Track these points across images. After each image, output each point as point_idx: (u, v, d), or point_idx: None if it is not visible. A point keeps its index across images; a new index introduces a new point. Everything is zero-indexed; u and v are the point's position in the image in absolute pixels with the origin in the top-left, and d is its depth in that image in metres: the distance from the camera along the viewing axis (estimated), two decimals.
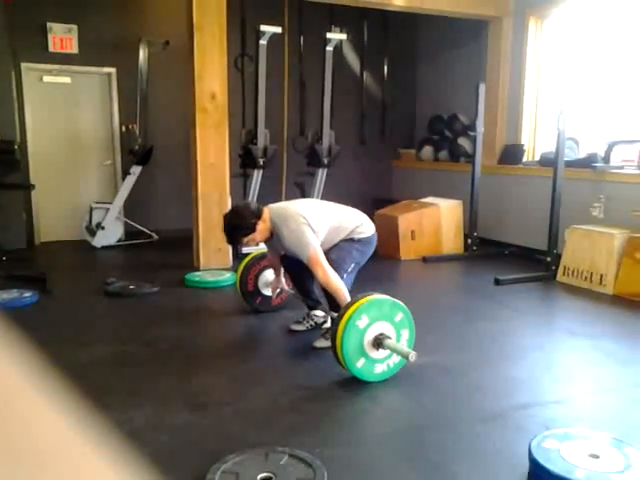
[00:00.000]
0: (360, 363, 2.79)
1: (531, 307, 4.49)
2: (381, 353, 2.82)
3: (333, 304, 3.18)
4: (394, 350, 2.80)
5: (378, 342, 2.79)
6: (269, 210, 3.33)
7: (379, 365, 2.84)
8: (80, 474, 0.30)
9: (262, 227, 3.26)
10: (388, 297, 2.89)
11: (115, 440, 0.32)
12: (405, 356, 2.73)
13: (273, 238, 3.35)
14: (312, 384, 2.89)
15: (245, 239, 3.30)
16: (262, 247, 3.84)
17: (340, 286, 3.06)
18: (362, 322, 2.76)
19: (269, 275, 3.95)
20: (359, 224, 3.44)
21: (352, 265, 3.35)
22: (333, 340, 2.79)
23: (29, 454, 0.28)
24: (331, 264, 3.13)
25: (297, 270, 3.47)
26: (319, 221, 3.26)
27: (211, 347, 3.54)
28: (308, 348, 3.36)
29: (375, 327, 2.80)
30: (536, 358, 3.32)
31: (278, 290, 3.85)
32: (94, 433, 0.31)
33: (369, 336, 2.79)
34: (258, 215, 3.25)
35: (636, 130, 5.32)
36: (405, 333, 2.90)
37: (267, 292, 4.00)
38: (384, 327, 2.82)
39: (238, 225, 3.24)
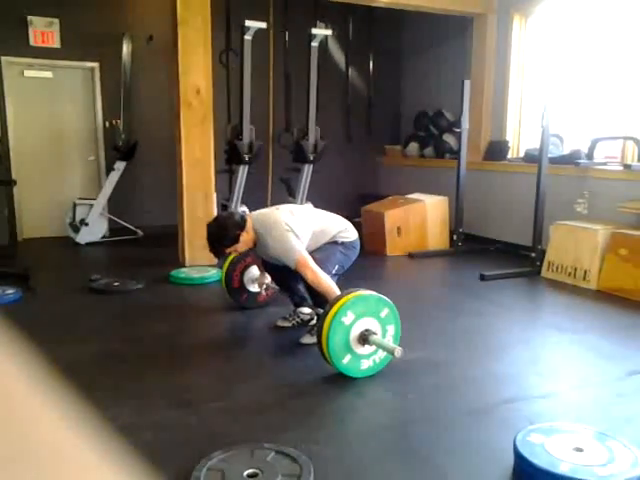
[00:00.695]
0: (346, 359, 2.78)
1: (516, 302, 4.52)
2: (367, 349, 2.83)
3: (318, 300, 3.17)
4: (380, 346, 2.80)
5: (364, 338, 2.79)
6: (251, 219, 3.31)
7: (365, 361, 2.84)
8: (72, 471, 0.29)
9: (245, 238, 3.25)
10: (374, 293, 2.89)
11: (101, 438, 0.31)
12: (391, 352, 2.74)
13: (256, 246, 3.34)
14: (298, 380, 2.88)
15: (228, 250, 3.31)
16: None
17: (331, 285, 3.03)
18: (348, 318, 2.75)
19: (254, 271, 3.94)
20: (342, 229, 3.44)
21: (336, 267, 3.33)
22: (319, 336, 2.79)
23: (22, 452, 0.28)
24: (317, 262, 3.12)
25: (278, 270, 3.46)
26: (302, 227, 3.25)
27: (196, 344, 3.52)
28: (294, 345, 3.35)
29: (361, 323, 2.79)
30: (521, 353, 3.34)
31: (264, 285, 3.85)
32: (84, 431, 0.31)
33: (355, 332, 2.78)
34: (242, 226, 3.23)
35: (619, 127, 5.37)
36: (391, 329, 2.90)
37: (253, 288, 3.99)
38: (370, 323, 2.82)
39: (221, 236, 3.23)
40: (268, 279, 3.79)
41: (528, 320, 4.07)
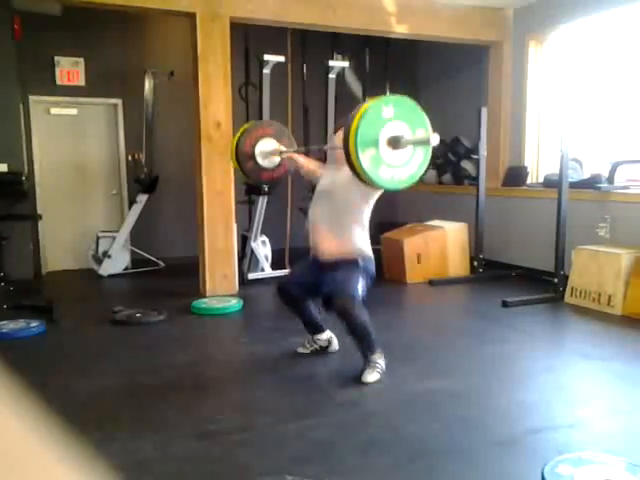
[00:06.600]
0: (368, 154, 2.59)
1: (540, 329, 4.45)
2: (391, 157, 2.66)
3: (328, 307, 3.24)
4: (414, 142, 2.65)
5: (396, 140, 2.63)
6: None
7: (385, 168, 2.66)
8: None
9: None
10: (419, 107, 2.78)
11: (122, 471, 0.32)
12: (426, 141, 2.63)
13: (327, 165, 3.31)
14: (319, 411, 2.86)
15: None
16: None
17: (367, 327, 3.12)
18: (387, 112, 2.61)
19: (269, 145, 3.80)
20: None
21: (361, 284, 3.24)
22: (350, 122, 2.59)
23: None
24: (339, 285, 3.12)
25: (296, 298, 3.46)
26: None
27: (218, 375, 3.52)
28: (314, 374, 3.34)
29: (396, 125, 2.64)
30: (547, 381, 3.28)
31: (280, 154, 3.81)
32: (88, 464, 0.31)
33: (387, 131, 2.62)
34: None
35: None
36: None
37: (261, 162, 3.83)
38: (404, 131, 2.66)
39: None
40: (283, 148, 3.72)
41: (553, 347, 4.00)
